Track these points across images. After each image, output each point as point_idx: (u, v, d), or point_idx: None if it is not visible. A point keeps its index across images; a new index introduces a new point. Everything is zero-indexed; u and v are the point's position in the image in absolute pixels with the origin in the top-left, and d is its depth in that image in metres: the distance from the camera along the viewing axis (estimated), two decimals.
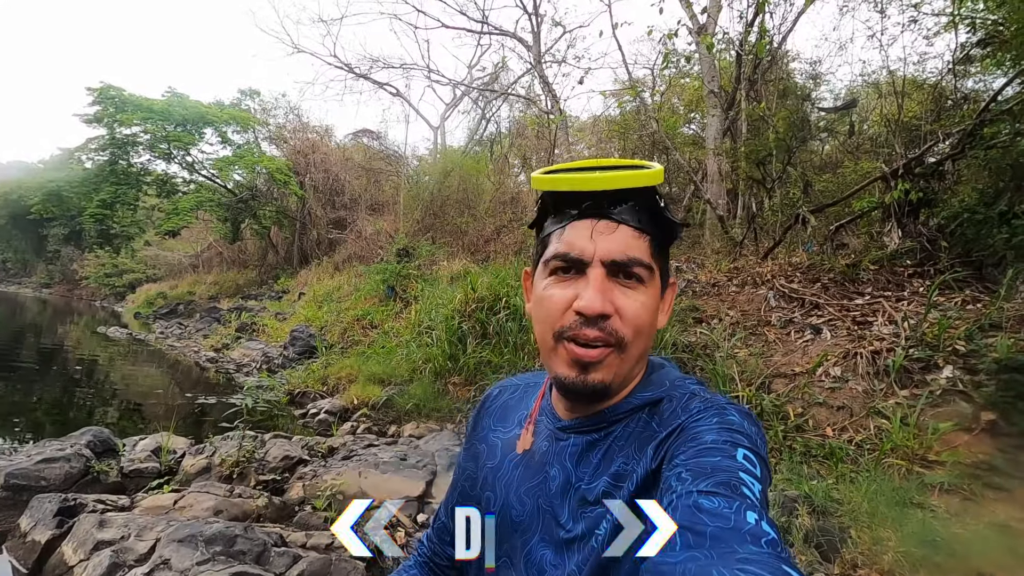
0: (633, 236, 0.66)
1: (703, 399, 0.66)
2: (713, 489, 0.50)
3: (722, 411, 0.63)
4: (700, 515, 0.48)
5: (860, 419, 3.66)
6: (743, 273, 6.29)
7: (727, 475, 0.52)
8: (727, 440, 0.58)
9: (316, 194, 17.96)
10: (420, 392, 5.75)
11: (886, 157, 6.91)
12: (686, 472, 0.54)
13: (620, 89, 11.93)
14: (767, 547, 0.44)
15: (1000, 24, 6.59)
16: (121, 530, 2.54)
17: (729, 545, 0.44)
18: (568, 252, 0.67)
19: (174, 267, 23.72)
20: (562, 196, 0.69)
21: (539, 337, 0.71)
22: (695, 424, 0.62)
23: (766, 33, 7.71)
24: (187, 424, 5.53)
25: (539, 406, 0.81)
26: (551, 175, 0.69)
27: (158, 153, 17.63)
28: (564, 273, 0.68)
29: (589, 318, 0.64)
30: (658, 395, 0.70)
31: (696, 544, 0.45)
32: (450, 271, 9.76)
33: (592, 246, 0.66)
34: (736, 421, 0.61)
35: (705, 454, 0.56)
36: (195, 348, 11.37)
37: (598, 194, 0.66)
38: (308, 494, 3.39)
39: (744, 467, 0.54)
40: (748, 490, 0.51)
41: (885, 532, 2.40)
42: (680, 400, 0.68)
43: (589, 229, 0.66)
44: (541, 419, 0.80)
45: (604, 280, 0.65)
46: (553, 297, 0.68)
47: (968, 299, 4.37)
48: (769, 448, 3.64)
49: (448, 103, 19.87)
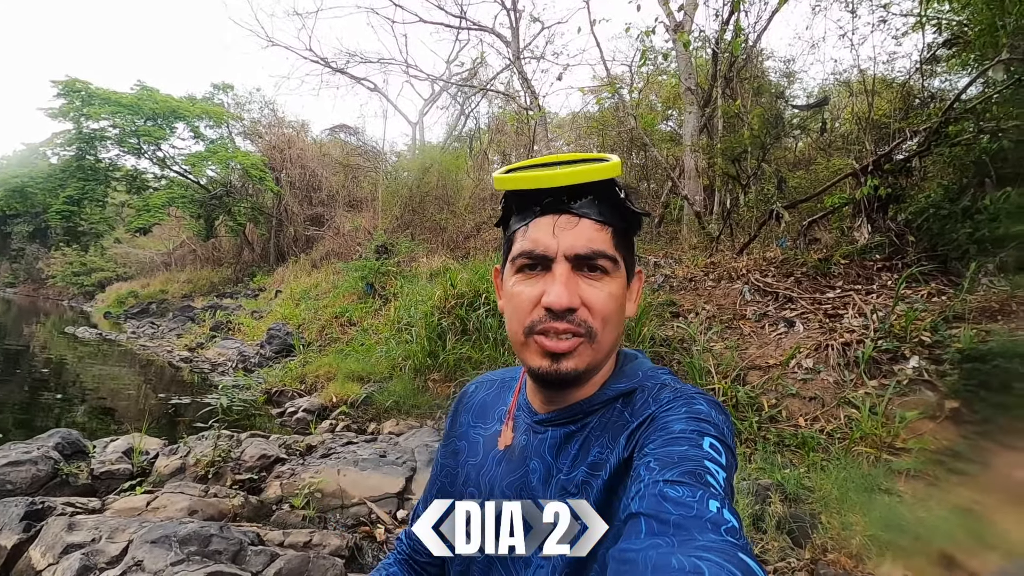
0: (595, 229, 0.67)
1: (673, 389, 0.68)
2: (679, 478, 0.52)
3: (690, 401, 0.65)
4: (665, 504, 0.50)
5: (831, 409, 3.75)
6: (719, 268, 6.39)
7: (693, 464, 0.54)
8: (695, 429, 0.60)
9: (292, 190, 17.70)
10: (400, 389, 5.73)
11: (856, 154, 7.09)
12: (654, 461, 0.56)
13: (599, 86, 11.97)
14: (726, 535, 0.46)
15: (965, 25, 6.80)
16: (92, 532, 2.48)
17: (690, 533, 0.46)
18: (533, 249, 0.68)
19: (146, 265, 23.19)
20: (524, 194, 0.70)
21: (511, 333, 0.73)
22: (665, 414, 0.64)
23: (741, 31, 7.84)
24: (160, 425, 5.42)
25: (516, 401, 0.82)
26: (511, 174, 0.70)
27: (127, 148, 17.16)
28: (531, 270, 0.69)
29: (557, 312, 0.66)
30: (631, 386, 0.72)
31: (660, 532, 0.47)
32: (429, 268, 9.71)
33: (555, 242, 0.67)
34: (704, 410, 0.63)
35: (673, 443, 0.58)
36: (168, 348, 11.14)
37: (557, 190, 0.67)
38: (286, 493, 3.35)
39: (710, 455, 0.56)
40: (712, 478, 0.53)
41: (854, 517, 2.47)
42: (651, 391, 0.70)
43: (551, 225, 0.67)
44: (519, 414, 0.81)
45: (569, 274, 0.67)
46: (521, 294, 0.69)
47: (933, 292, 4.51)
48: (744, 438, 3.71)
49: (427, 98, 19.75)
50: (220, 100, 20.29)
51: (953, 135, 5.21)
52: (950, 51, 7.48)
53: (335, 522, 3.15)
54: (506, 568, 0.73)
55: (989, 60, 5.36)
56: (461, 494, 0.83)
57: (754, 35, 8.46)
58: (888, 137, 6.83)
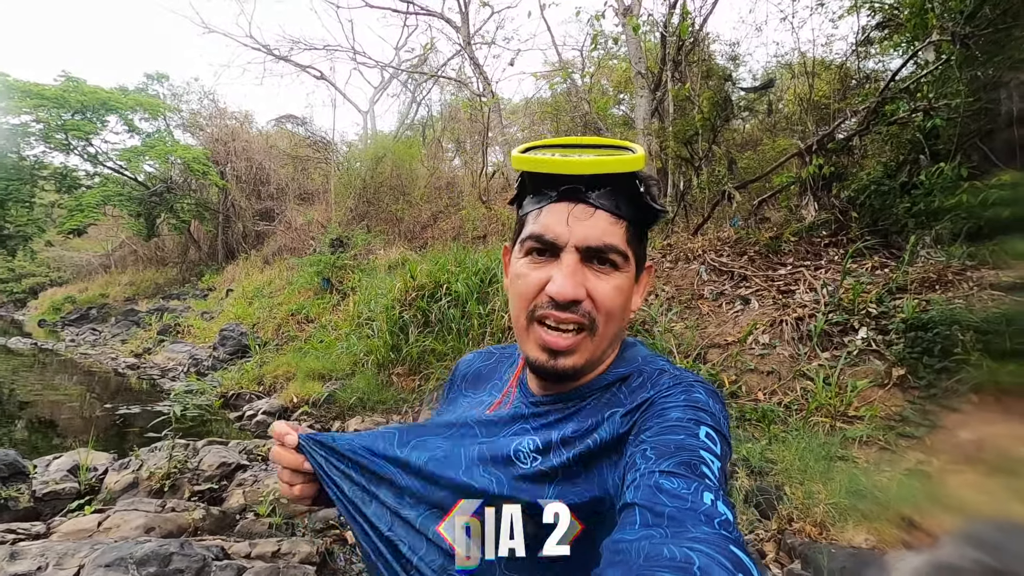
0: (610, 222, 0.66)
1: (672, 375, 0.68)
2: (674, 469, 0.53)
3: (689, 388, 0.65)
4: (660, 495, 0.50)
5: (788, 382, 3.90)
6: (676, 249, 6.51)
7: (689, 454, 0.55)
8: (691, 418, 0.60)
9: (239, 184, 16.96)
10: (363, 385, 5.62)
11: (800, 134, 7.32)
12: (651, 450, 0.56)
13: (551, 71, 11.93)
14: (719, 527, 0.46)
15: (896, 8, 7.09)
16: (37, 560, 2.32)
17: (683, 525, 0.46)
18: (543, 235, 0.67)
19: (82, 268, 21.88)
20: (540, 177, 0.68)
21: (513, 315, 0.72)
22: (663, 400, 0.64)
23: (688, 15, 7.93)
24: (108, 437, 5.14)
25: (517, 380, 0.81)
26: (529, 154, 0.68)
27: (54, 144, 15.99)
28: (539, 255, 0.68)
29: (561, 303, 0.65)
30: (629, 370, 0.72)
31: (654, 523, 0.47)
32: (387, 260, 9.55)
33: (567, 231, 0.65)
34: (702, 399, 0.63)
35: (669, 432, 0.58)
36: (112, 355, 10.56)
37: (576, 178, 0.66)
38: (249, 501, 3.24)
39: (706, 445, 0.56)
40: (708, 469, 0.53)
41: (816, 486, 2.57)
42: (650, 375, 0.70)
43: (566, 213, 0.66)
44: (517, 392, 0.80)
45: (577, 265, 0.66)
46: (527, 277, 0.68)
47: (877, 265, 4.73)
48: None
49: (376, 86, 19.28)
50: (155, 91, 19.16)
51: (890, 114, 5.44)
52: (883, 33, 7.81)
53: (304, 528, 3.06)
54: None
55: (920, 41, 5.62)
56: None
57: (700, 19, 8.59)
58: (829, 117, 7.10)
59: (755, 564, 0.44)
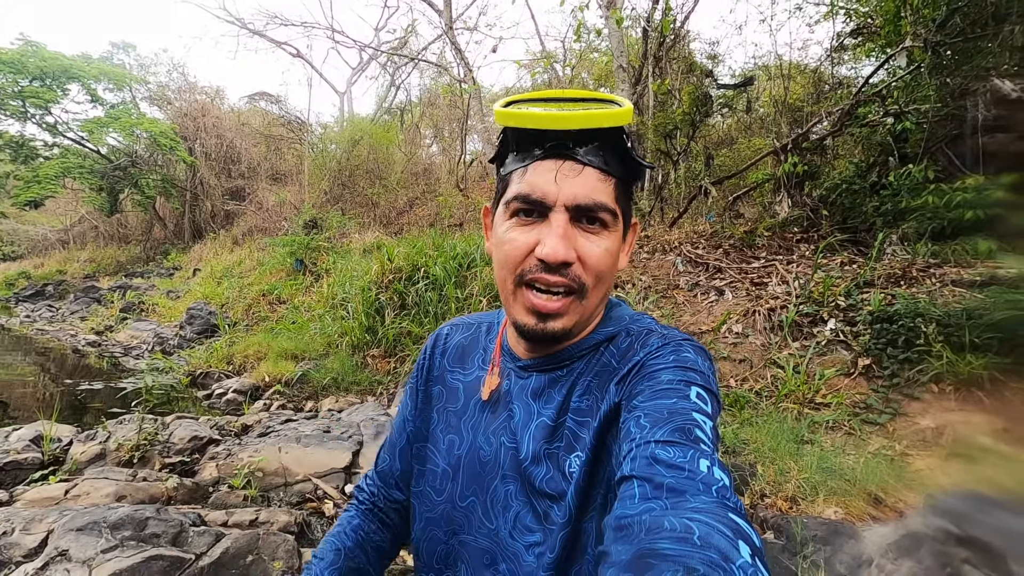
0: (599, 179, 0.64)
1: (660, 335, 0.67)
2: (669, 438, 0.53)
3: (678, 348, 0.65)
4: (657, 466, 0.50)
5: (759, 370, 4.02)
6: (653, 241, 6.62)
7: (683, 419, 0.55)
8: (682, 379, 0.60)
9: (208, 162, 16.46)
10: (337, 366, 5.55)
11: (775, 134, 7.51)
12: (645, 418, 0.56)
13: (533, 60, 11.91)
14: (718, 495, 0.47)
15: (870, 16, 7.32)
16: (2, 525, 2.24)
17: (683, 496, 0.47)
18: (530, 194, 0.64)
19: (38, 243, 20.89)
20: (525, 133, 0.66)
21: (499, 280, 0.70)
22: (653, 361, 0.63)
23: (670, 11, 8.02)
24: (71, 411, 4.95)
25: (500, 348, 0.80)
26: (512, 108, 0.66)
27: (10, 112, 15.18)
28: (526, 216, 0.65)
29: (551, 266, 0.63)
30: (617, 330, 0.71)
31: (653, 496, 0.48)
32: (363, 243, 9.42)
33: (556, 189, 0.63)
34: (691, 358, 0.63)
35: (662, 395, 0.58)
36: (71, 332, 10.16)
37: (564, 133, 0.63)
38: (223, 474, 3.18)
39: (697, 406, 0.57)
40: (701, 431, 0.54)
41: (788, 463, 2.67)
42: (638, 335, 0.69)
43: (553, 171, 0.63)
44: (502, 360, 0.78)
45: (567, 225, 0.63)
46: (515, 241, 0.65)
47: (846, 260, 4.91)
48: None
49: (355, 67, 18.91)
50: (121, 61, 18.43)
51: (862, 117, 5.63)
52: (856, 40, 8.05)
53: (279, 500, 3.03)
54: (487, 514, 0.72)
55: (893, 47, 5.81)
56: (439, 440, 0.81)
57: (682, 15, 8.69)
58: (803, 119, 7.31)
59: (754, 530, 0.45)
